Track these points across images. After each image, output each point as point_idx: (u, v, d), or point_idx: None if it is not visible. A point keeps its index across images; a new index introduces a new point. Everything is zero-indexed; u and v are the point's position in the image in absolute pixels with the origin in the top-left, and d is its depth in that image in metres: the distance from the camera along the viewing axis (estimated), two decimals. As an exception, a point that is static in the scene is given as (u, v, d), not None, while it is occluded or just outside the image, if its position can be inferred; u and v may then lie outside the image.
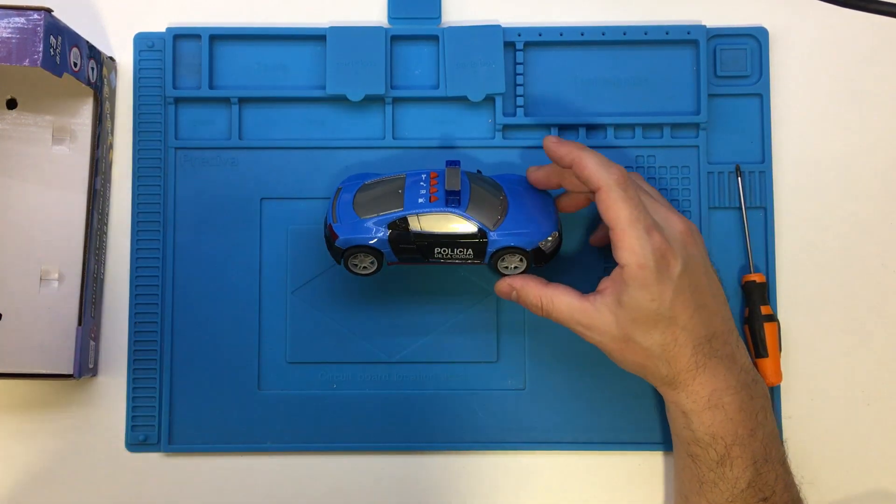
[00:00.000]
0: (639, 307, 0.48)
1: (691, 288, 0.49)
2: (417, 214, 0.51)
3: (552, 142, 0.51)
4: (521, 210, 0.53)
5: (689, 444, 0.51)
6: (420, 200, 0.52)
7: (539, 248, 0.53)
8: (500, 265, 0.54)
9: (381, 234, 0.52)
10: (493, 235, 0.52)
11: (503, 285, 0.53)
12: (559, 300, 0.51)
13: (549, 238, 0.53)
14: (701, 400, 0.50)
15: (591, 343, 0.52)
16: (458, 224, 0.52)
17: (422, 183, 0.53)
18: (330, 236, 0.53)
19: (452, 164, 0.53)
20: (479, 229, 0.52)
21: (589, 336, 0.51)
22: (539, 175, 0.54)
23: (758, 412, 0.50)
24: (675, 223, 0.51)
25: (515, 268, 0.53)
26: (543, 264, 0.54)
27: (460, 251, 0.53)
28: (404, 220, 0.52)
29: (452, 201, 0.52)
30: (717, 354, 0.50)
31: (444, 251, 0.53)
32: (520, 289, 0.53)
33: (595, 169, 0.49)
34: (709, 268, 0.52)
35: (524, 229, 0.52)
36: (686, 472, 0.52)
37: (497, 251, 0.52)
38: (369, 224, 0.52)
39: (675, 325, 0.49)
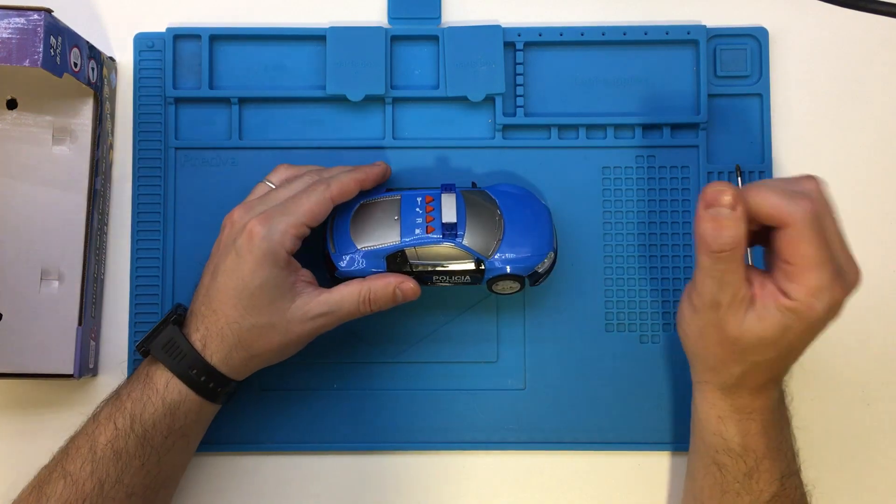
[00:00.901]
0: (776, 332, 0.45)
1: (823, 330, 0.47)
2: (415, 246, 0.52)
3: (716, 192, 0.44)
4: (518, 229, 0.53)
5: (717, 451, 0.50)
6: (417, 231, 0.52)
7: (535, 272, 0.53)
8: (496, 288, 0.54)
9: (380, 265, 0.52)
10: (490, 263, 0.52)
11: (731, 196, 0.44)
12: (738, 269, 0.44)
13: (546, 260, 0.53)
14: (742, 411, 0.49)
15: (687, 302, 0.48)
16: (456, 254, 0.52)
17: (417, 209, 0.53)
18: (329, 266, 0.53)
19: (448, 188, 0.53)
20: (476, 259, 0.52)
21: (706, 309, 0.46)
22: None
23: (785, 426, 0.50)
24: (852, 272, 0.45)
25: (511, 288, 0.54)
26: (538, 283, 0.54)
27: (458, 278, 0.53)
28: (402, 251, 0.52)
29: (449, 234, 0.52)
30: (779, 382, 0.49)
31: (443, 278, 0.53)
32: (736, 219, 0.44)
33: (772, 202, 0.44)
34: None
35: (520, 253, 0.52)
36: (708, 478, 0.51)
37: (493, 277, 0.53)
38: (367, 255, 0.52)
39: (783, 357, 0.47)
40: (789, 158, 0.60)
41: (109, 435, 0.49)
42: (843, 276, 0.44)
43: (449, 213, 0.52)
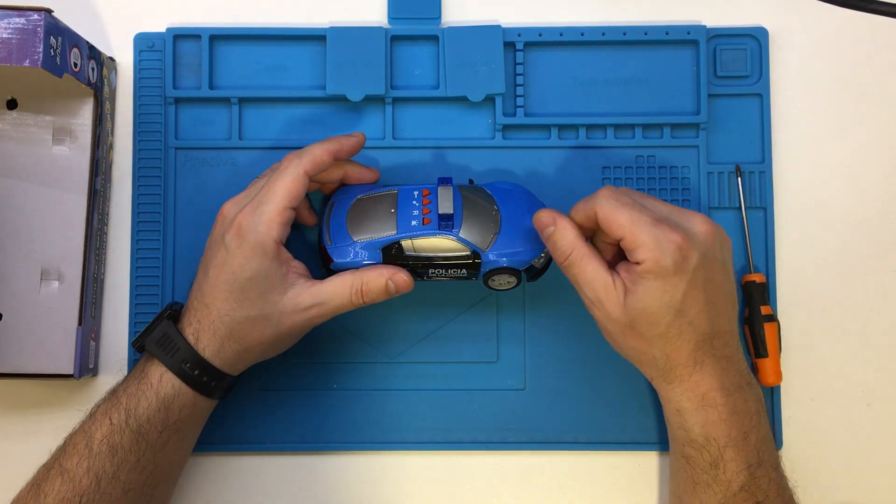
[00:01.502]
0: (651, 296, 0.48)
1: (705, 283, 0.49)
2: (411, 238, 0.52)
3: (540, 221, 0.51)
4: (514, 225, 0.53)
5: (683, 444, 0.51)
6: (413, 223, 0.52)
7: (531, 266, 0.53)
8: (492, 283, 0.54)
9: (376, 257, 0.52)
10: (486, 256, 0.52)
11: (545, 217, 0.51)
12: (589, 262, 0.49)
13: (542, 255, 0.53)
14: (695, 398, 0.50)
15: (593, 317, 0.51)
16: (452, 246, 0.52)
17: (414, 202, 0.53)
18: (325, 259, 0.53)
19: (444, 181, 0.53)
20: (473, 251, 0.52)
21: (595, 310, 0.51)
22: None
23: (751, 415, 0.50)
24: (697, 223, 0.49)
25: (508, 283, 0.54)
26: (535, 279, 0.54)
27: (454, 271, 0.53)
28: (398, 243, 0.52)
29: (445, 225, 0.52)
30: (717, 354, 0.50)
31: (439, 271, 0.53)
32: (558, 229, 0.50)
33: (581, 206, 0.50)
34: (728, 268, 0.51)
35: (517, 248, 0.52)
36: (681, 473, 0.52)
37: (490, 271, 0.53)
38: (363, 247, 0.52)
39: (682, 318, 0.48)
40: (789, 158, 0.60)
41: (105, 431, 0.50)
42: (672, 224, 0.48)
43: (445, 205, 0.52)
